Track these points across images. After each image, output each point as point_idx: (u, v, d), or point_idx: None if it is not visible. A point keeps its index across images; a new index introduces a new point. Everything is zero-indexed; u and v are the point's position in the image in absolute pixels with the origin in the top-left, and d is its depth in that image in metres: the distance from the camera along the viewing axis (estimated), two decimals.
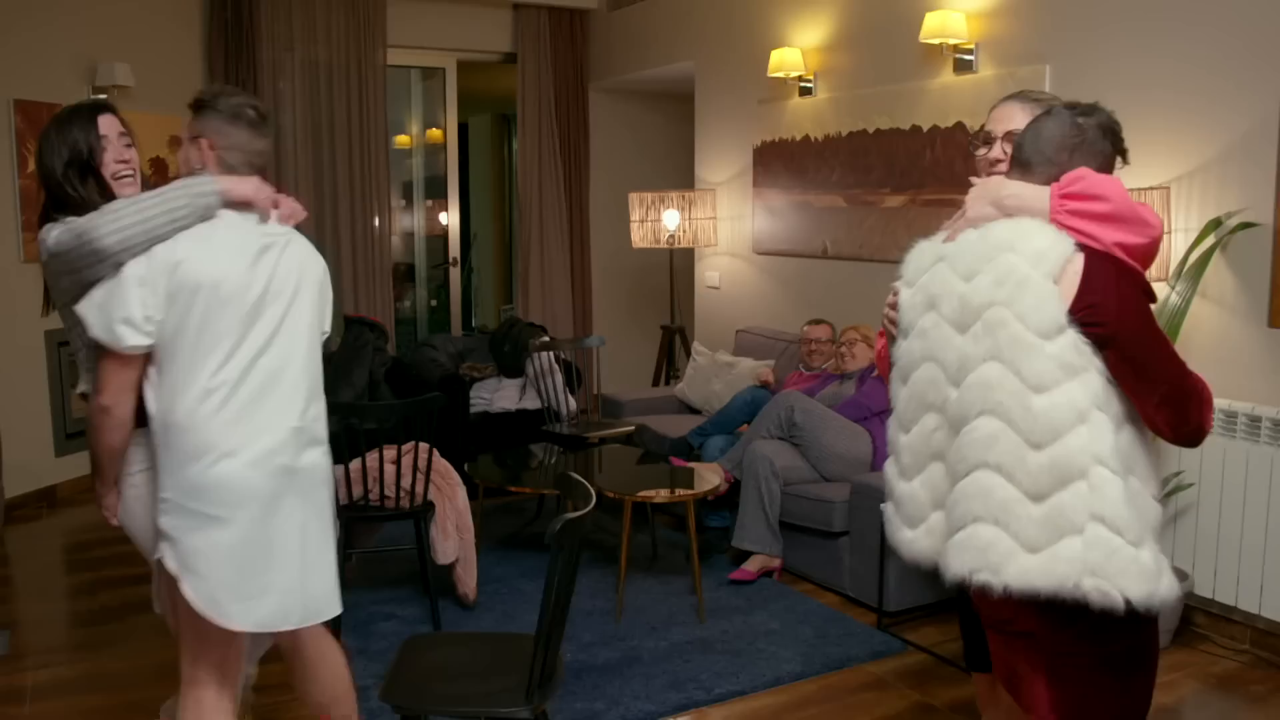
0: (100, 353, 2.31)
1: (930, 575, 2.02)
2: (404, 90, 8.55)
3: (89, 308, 2.27)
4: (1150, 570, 1.81)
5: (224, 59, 6.91)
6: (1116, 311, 1.83)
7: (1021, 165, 1.99)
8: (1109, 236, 1.86)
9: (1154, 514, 1.88)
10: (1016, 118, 2.14)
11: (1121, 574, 1.80)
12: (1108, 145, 1.99)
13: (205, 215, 2.34)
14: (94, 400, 2.34)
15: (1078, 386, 1.82)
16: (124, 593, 4.53)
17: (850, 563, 4.38)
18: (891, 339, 2.16)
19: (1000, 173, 2.12)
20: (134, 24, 6.38)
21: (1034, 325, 1.83)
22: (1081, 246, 1.87)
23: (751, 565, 4.61)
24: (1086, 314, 1.83)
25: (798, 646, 3.95)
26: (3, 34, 5.51)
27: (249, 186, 2.42)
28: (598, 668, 3.76)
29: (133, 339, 2.26)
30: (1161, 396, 1.84)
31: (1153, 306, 1.92)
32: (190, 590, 2.29)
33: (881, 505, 2.18)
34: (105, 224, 2.22)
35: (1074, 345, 1.82)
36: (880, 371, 2.35)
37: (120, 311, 2.24)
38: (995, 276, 1.88)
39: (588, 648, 3.93)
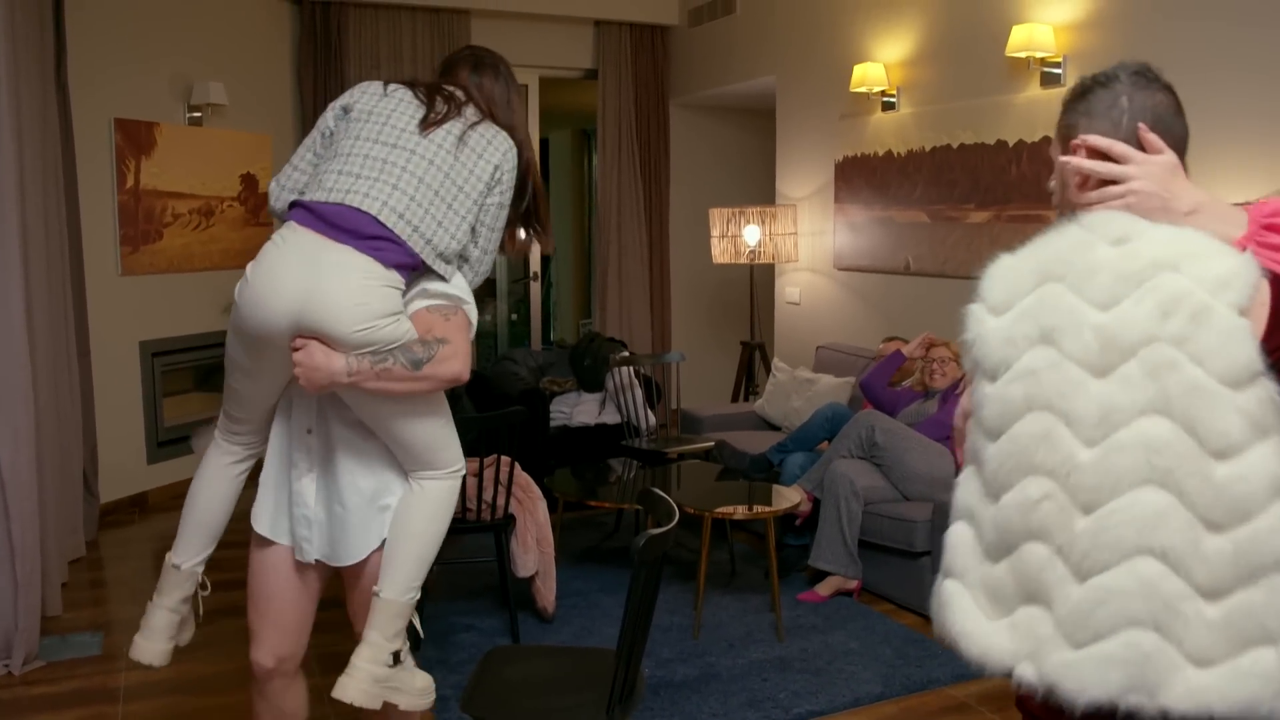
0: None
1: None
2: None
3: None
4: None
5: (313, 77, 7.07)
6: None
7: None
8: None
9: None
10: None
11: None
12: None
13: None
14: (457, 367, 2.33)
15: (1270, 451, 1.40)
16: (213, 597, 4.60)
17: (932, 583, 4.31)
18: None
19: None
20: (228, 44, 6.57)
21: (1219, 370, 1.41)
22: (1266, 271, 1.46)
23: (824, 588, 4.57)
24: (1277, 355, 1.43)
25: (878, 667, 3.90)
26: (104, 55, 5.71)
27: None
28: (675, 684, 3.75)
29: None
30: None
31: None
32: None
33: (938, 577, 1.76)
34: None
35: (1267, 397, 1.41)
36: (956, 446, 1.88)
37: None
38: (1158, 304, 1.44)
39: (666, 664, 3.92)
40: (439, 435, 2.42)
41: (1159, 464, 1.42)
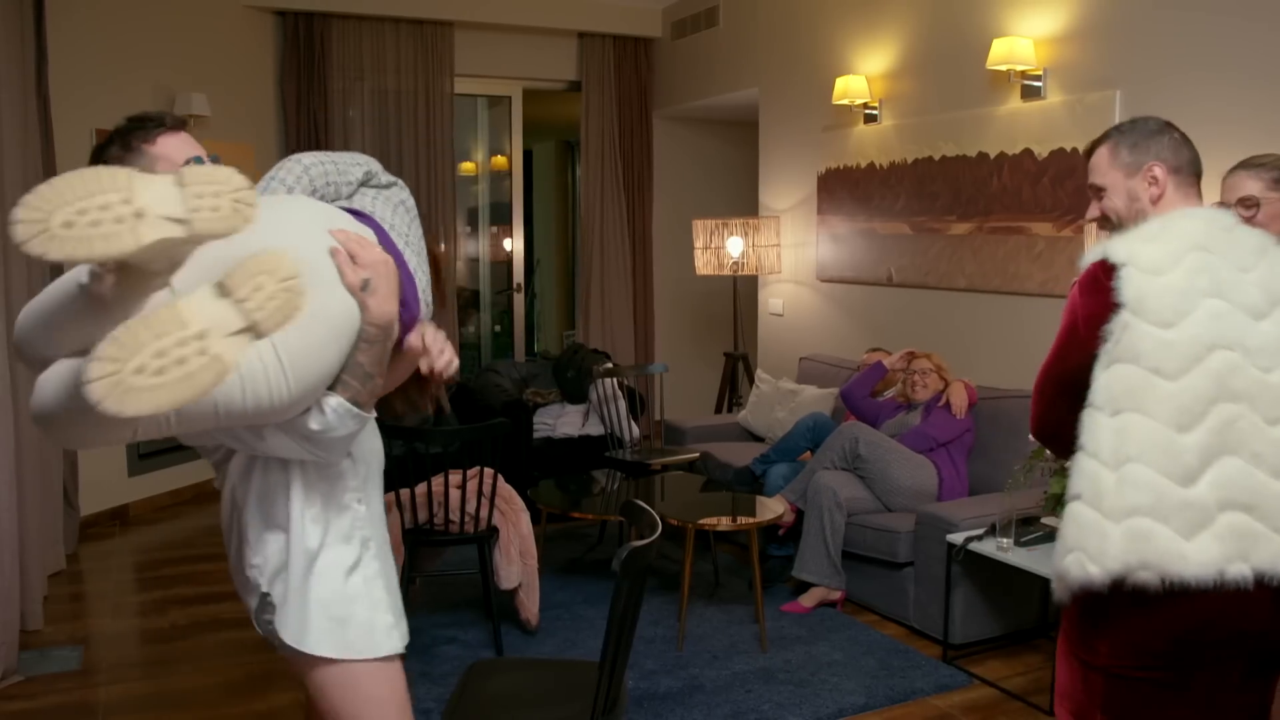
0: None
1: (997, 607, 1.91)
2: (470, 118, 8.68)
3: None
4: None
5: (296, 88, 7.06)
6: None
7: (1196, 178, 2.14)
8: None
9: None
10: (1246, 185, 2.49)
11: None
12: None
13: None
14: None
15: None
16: (193, 611, 4.61)
17: (915, 594, 4.32)
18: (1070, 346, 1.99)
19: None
20: (211, 55, 6.55)
21: None
22: None
23: (807, 599, 4.57)
24: None
25: (861, 678, 3.90)
26: (86, 65, 5.69)
27: None
28: (659, 696, 3.75)
29: None
30: None
31: None
32: None
33: (1071, 529, 1.94)
34: None
35: None
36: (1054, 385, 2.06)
37: None
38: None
39: (649, 675, 3.91)
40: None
41: None
